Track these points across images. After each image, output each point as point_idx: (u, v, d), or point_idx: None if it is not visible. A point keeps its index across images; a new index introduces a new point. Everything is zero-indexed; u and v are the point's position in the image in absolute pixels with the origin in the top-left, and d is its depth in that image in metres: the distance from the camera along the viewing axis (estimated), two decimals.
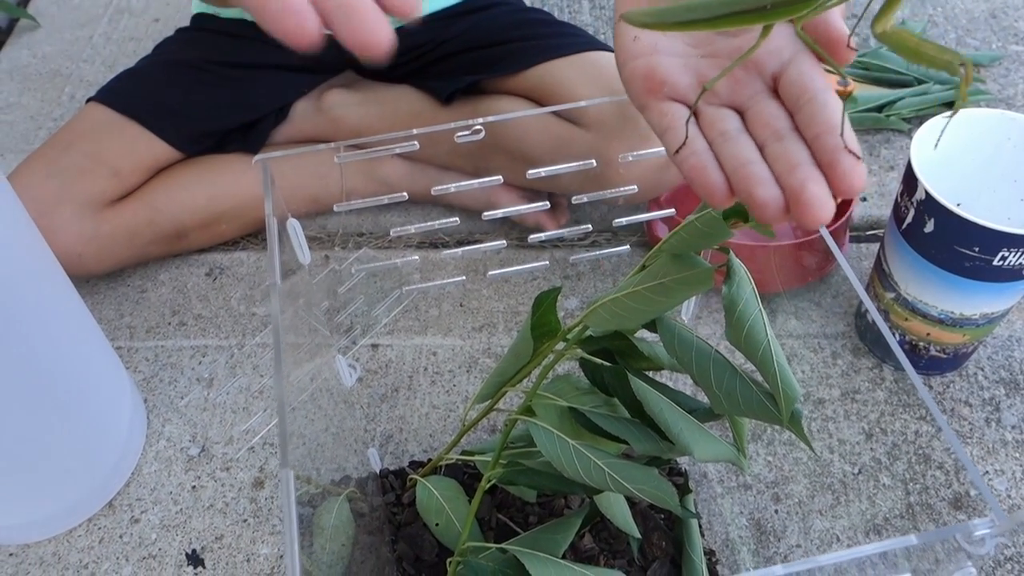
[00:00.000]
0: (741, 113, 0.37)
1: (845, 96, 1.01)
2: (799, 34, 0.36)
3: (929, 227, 0.65)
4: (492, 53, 0.88)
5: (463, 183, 0.55)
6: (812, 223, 0.32)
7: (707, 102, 0.38)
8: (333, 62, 0.92)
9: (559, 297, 0.85)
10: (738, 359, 0.46)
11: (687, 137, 0.37)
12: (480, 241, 0.91)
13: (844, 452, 0.73)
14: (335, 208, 0.59)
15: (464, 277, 0.87)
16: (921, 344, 0.73)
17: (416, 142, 0.49)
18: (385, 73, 0.93)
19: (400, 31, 0.91)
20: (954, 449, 0.36)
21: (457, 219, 0.62)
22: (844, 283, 0.86)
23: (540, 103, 0.84)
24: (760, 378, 0.45)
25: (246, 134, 0.89)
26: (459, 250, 0.57)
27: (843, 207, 0.84)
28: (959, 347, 0.73)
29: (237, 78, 0.88)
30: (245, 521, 0.71)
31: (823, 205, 0.32)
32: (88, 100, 0.87)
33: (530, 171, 0.53)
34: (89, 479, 0.70)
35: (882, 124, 0.98)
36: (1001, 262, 0.63)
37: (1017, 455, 0.72)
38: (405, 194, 0.57)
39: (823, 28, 0.36)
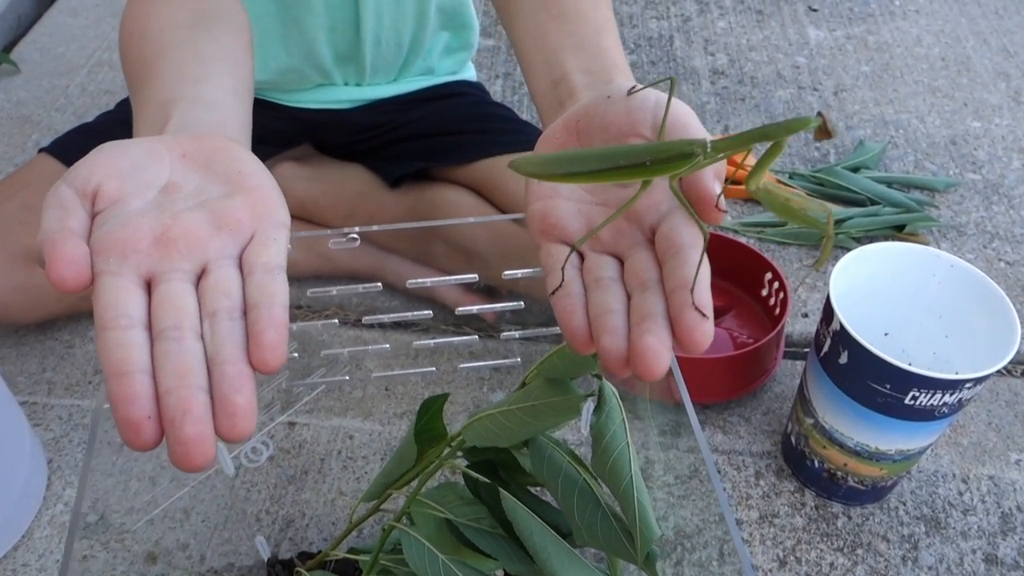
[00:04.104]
0: (622, 261, 0.38)
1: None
2: (673, 189, 0.36)
3: (843, 359, 0.64)
4: (444, 142, 0.89)
5: (439, 279, 0.56)
6: (645, 374, 0.32)
7: (592, 248, 0.39)
8: (287, 135, 0.93)
9: (485, 388, 0.84)
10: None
11: (563, 280, 0.37)
12: (417, 325, 0.90)
13: None
14: (309, 293, 0.59)
15: (435, 368, 0.86)
16: (839, 473, 0.72)
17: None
18: (340, 150, 0.94)
19: (360, 111, 0.92)
20: None
21: (430, 312, 0.61)
22: (775, 400, 0.85)
23: (484, 195, 0.85)
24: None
25: None
26: (432, 341, 0.57)
27: (776, 320, 0.84)
28: (877, 480, 0.71)
29: None
30: None
31: (656, 357, 0.32)
32: (40, 150, 0.88)
33: (506, 273, 0.54)
34: None
35: None
36: (913, 401, 0.62)
37: None
38: (379, 284, 0.58)
39: (696, 188, 0.37)
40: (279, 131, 0.92)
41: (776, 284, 0.86)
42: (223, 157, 0.38)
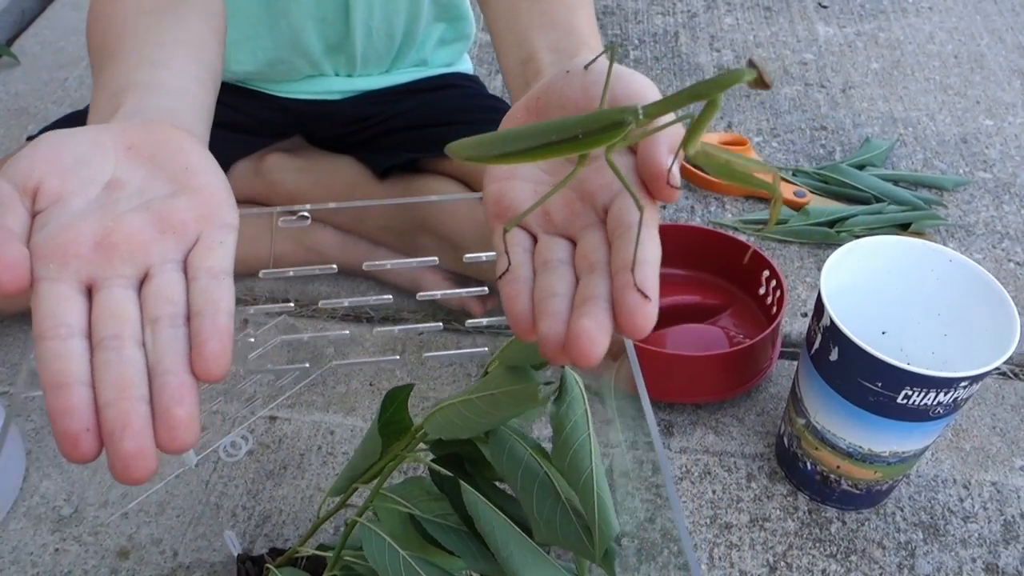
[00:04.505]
0: (575, 242, 0.36)
1: (798, 208, 1.00)
2: (609, 162, 0.34)
3: (834, 355, 0.61)
4: (435, 133, 0.87)
5: (399, 261, 0.55)
6: (580, 359, 0.30)
7: (545, 230, 0.37)
8: (277, 126, 0.91)
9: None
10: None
11: (509, 264, 0.36)
12: (406, 320, 0.89)
13: None
14: (261, 274, 0.58)
15: (398, 356, 0.84)
16: (832, 476, 0.69)
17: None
18: (331, 142, 0.93)
19: (351, 102, 0.91)
20: None
21: (391, 297, 0.60)
22: (770, 401, 0.82)
23: (473, 188, 0.83)
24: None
25: None
26: (395, 328, 0.56)
27: (771, 319, 0.81)
28: (872, 484, 0.69)
29: None
30: None
31: (590, 341, 0.30)
32: (28, 139, 0.87)
33: (468, 256, 0.52)
34: None
35: (832, 239, 0.96)
36: (905, 400, 0.59)
37: None
38: (335, 266, 0.57)
39: (647, 162, 0.35)
40: (269, 122, 0.91)
41: (774, 283, 0.84)
42: (170, 150, 0.37)
